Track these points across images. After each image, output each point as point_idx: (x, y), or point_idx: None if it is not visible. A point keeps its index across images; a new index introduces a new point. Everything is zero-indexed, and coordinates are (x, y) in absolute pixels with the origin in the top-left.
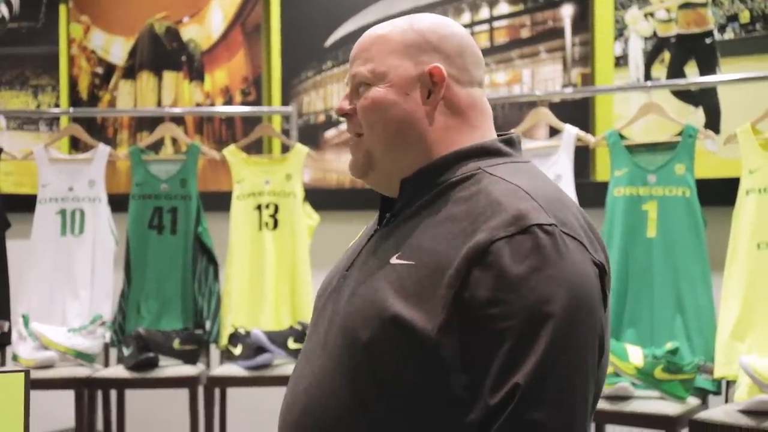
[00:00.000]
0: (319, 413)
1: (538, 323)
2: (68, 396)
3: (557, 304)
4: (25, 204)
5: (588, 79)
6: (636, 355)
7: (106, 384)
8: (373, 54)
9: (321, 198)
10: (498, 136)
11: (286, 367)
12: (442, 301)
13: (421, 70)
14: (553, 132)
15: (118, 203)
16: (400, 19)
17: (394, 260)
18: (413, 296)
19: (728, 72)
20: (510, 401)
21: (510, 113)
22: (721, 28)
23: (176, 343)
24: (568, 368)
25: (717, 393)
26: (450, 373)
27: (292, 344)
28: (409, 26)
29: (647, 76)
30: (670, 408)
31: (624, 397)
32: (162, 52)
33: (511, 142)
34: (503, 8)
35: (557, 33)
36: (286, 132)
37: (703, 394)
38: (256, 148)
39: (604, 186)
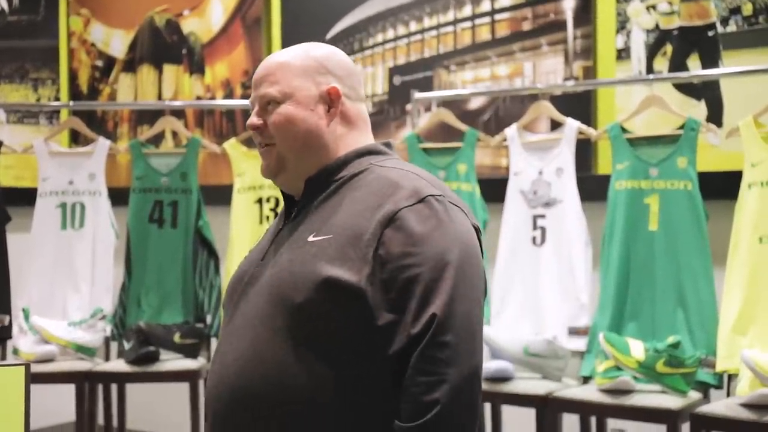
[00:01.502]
0: (255, 372)
1: (442, 268)
2: (69, 390)
3: (454, 254)
4: (26, 197)
5: (590, 72)
6: (637, 349)
7: (107, 378)
8: (278, 78)
9: None
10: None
11: None
12: (363, 258)
13: (321, 90)
14: (555, 125)
15: (118, 197)
16: (297, 48)
17: (311, 238)
18: (337, 260)
19: (731, 65)
20: (429, 328)
21: (512, 106)
22: (724, 21)
23: (177, 337)
24: (468, 301)
25: (718, 387)
26: (376, 315)
27: None
28: (306, 54)
29: (649, 69)
30: (671, 402)
31: (625, 391)
32: (162, 45)
33: (389, 145)
34: (505, 1)
35: (559, 26)
36: None
37: (704, 387)
38: None
39: (606, 179)
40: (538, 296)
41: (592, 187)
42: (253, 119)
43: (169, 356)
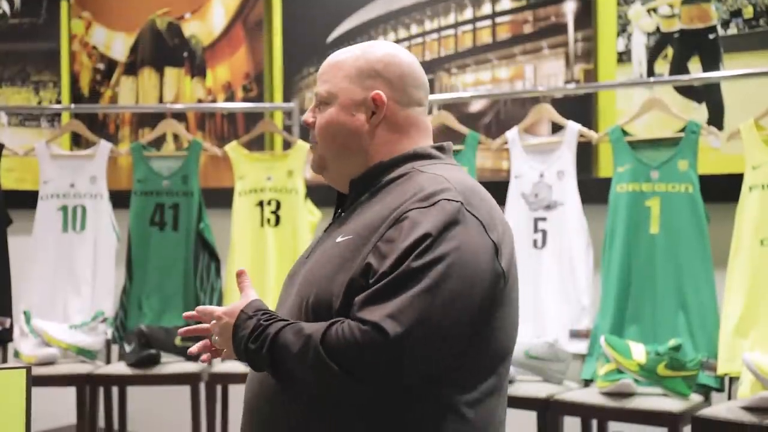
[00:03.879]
0: None
1: (419, 278)
2: (70, 393)
3: (439, 271)
4: (27, 200)
5: (591, 75)
6: (639, 352)
7: (108, 380)
8: (329, 77)
9: (323, 194)
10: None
11: None
12: (364, 254)
13: (365, 95)
14: (556, 128)
15: (119, 199)
16: (357, 47)
17: (338, 239)
18: (348, 261)
19: (731, 68)
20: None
21: (512, 109)
22: (725, 24)
23: (178, 340)
24: (435, 312)
25: (720, 390)
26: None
27: None
28: (362, 54)
29: (650, 72)
30: (672, 405)
31: (627, 394)
32: (163, 48)
33: (442, 149)
34: (506, 4)
35: (560, 29)
36: (287, 128)
37: (705, 390)
38: (257, 144)
39: (606, 182)
40: (539, 299)
41: (593, 190)
42: (307, 115)
43: (170, 359)
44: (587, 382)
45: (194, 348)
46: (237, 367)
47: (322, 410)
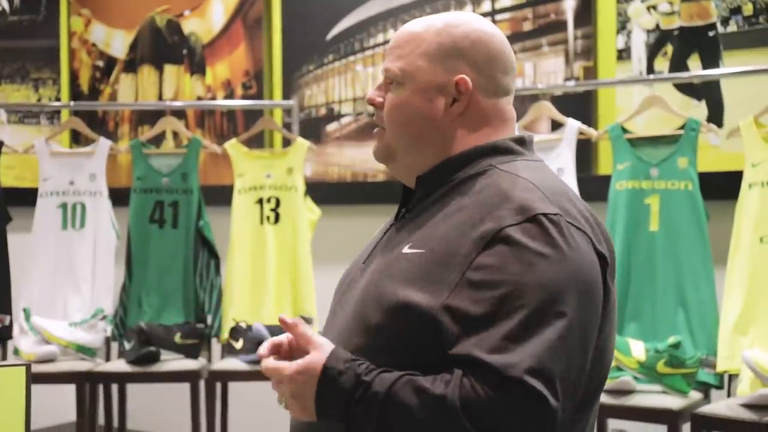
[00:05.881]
0: None
1: (551, 316)
2: (69, 390)
3: (570, 301)
4: (26, 198)
5: (590, 73)
6: (638, 349)
7: (108, 378)
8: (405, 52)
9: (322, 192)
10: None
11: None
12: (450, 283)
13: (447, 78)
14: (556, 125)
15: (119, 197)
16: (439, 17)
17: (405, 250)
18: (421, 280)
19: (731, 65)
20: (512, 385)
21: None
22: (724, 21)
23: (178, 337)
24: (572, 361)
25: (719, 387)
26: (450, 343)
27: None
28: (444, 27)
29: (650, 70)
30: (672, 402)
31: (626, 391)
32: (163, 46)
33: (522, 142)
34: (505, 1)
35: (559, 26)
36: (287, 126)
37: (705, 388)
38: (257, 141)
39: (606, 179)
40: None
41: (593, 188)
42: (373, 93)
43: (169, 356)
44: None
45: (262, 350)
46: (237, 364)
47: None
